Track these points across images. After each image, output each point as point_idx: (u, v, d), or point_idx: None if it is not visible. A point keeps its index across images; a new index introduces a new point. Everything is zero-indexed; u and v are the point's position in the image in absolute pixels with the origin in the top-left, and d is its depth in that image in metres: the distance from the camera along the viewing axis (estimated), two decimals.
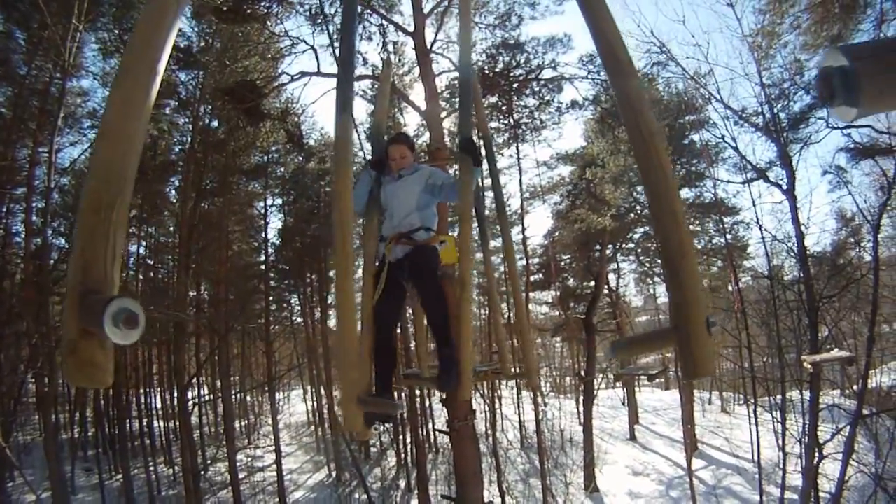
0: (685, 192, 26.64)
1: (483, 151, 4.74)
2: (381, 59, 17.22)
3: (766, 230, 17.98)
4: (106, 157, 1.49)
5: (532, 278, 28.45)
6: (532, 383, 5.19)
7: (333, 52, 16.05)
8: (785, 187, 15.48)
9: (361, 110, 26.55)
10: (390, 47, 17.29)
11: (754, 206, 18.22)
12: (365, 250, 4.32)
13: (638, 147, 2.02)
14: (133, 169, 1.53)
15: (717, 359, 34.47)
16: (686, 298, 1.87)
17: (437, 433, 27.77)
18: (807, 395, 15.08)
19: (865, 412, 14.37)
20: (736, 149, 17.71)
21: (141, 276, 24.97)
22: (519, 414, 30.72)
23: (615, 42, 2.13)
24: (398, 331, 5.60)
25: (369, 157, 4.85)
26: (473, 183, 4.02)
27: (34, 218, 17.00)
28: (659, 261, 28.34)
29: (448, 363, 3.95)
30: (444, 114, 15.30)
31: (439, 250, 4.56)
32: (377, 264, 4.27)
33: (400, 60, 18.49)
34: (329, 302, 30.43)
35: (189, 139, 20.54)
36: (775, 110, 16.11)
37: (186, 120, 21.16)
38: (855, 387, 16.02)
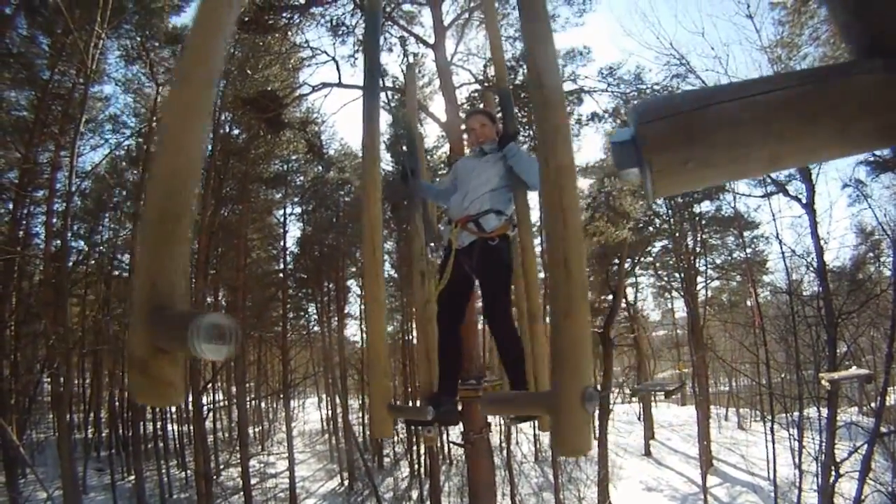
0: (705, 205, 26.53)
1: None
2: (404, 66, 17.29)
3: (785, 244, 17.91)
4: (168, 167, 1.43)
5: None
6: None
7: (354, 63, 16.18)
8: (804, 201, 15.39)
9: (381, 122, 26.62)
10: (410, 58, 17.38)
11: (774, 220, 18.20)
12: (412, 246, 4.08)
13: (545, 181, 1.86)
14: (196, 178, 1.47)
15: (711, 380, 34.22)
16: (564, 363, 1.69)
17: (451, 444, 27.66)
18: (824, 412, 14.91)
19: (883, 430, 14.20)
20: None
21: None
22: (533, 427, 30.54)
23: (544, 66, 2.00)
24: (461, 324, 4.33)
25: (397, 165, 4.71)
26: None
27: (54, 220, 17.18)
28: (678, 274, 28.24)
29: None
30: (464, 125, 15.33)
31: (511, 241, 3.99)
32: (440, 252, 4.05)
33: (419, 72, 18.57)
34: (346, 311, 30.56)
35: (209, 146, 20.74)
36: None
37: (207, 128, 21.36)
38: (873, 404, 15.82)
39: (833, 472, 13.51)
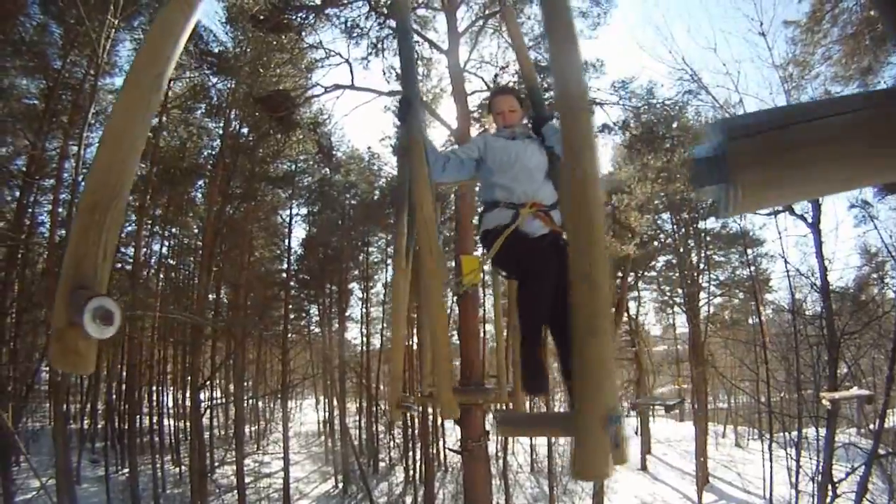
0: (711, 222, 26.52)
1: None
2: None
3: (789, 263, 17.88)
4: (106, 160, 1.55)
5: None
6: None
7: (367, 66, 16.25)
8: (810, 220, 15.38)
9: (390, 125, 26.71)
10: (422, 63, 17.41)
11: (780, 238, 18.15)
12: (398, 244, 3.84)
13: (572, 192, 1.78)
14: (130, 174, 1.59)
15: (710, 396, 34.12)
16: (587, 385, 1.61)
17: (448, 451, 27.60)
18: (822, 432, 14.87)
19: (881, 452, 14.14)
20: None
21: (162, 276, 25.14)
22: (531, 438, 30.48)
23: (569, 73, 1.95)
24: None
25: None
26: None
27: (60, 210, 17.20)
28: (681, 290, 28.22)
29: None
30: (475, 133, 15.33)
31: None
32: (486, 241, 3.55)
33: (429, 76, 18.59)
34: (348, 314, 30.53)
35: (218, 144, 20.77)
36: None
37: (216, 125, 21.41)
38: (872, 426, 15.76)
39: (830, 493, 13.44)
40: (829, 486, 13.48)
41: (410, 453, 27.79)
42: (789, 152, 0.90)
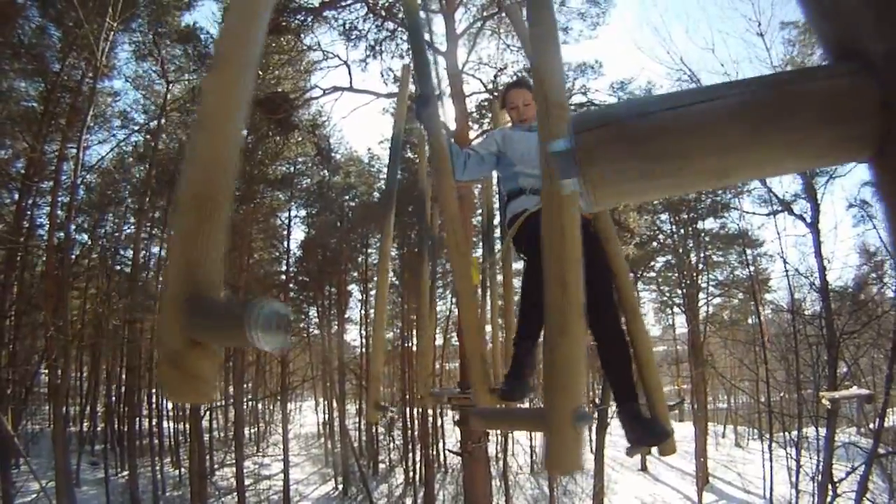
0: (710, 223, 26.54)
1: None
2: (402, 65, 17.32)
3: (788, 263, 17.90)
4: (206, 151, 1.39)
5: None
6: None
7: (365, 68, 16.29)
8: (809, 220, 15.41)
9: (389, 126, 26.69)
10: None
11: (779, 238, 18.16)
12: (383, 247, 3.69)
13: (546, 198, 1.81)
14: (234, 161, 1.42)
15: (710, 396, 34.11)
16: (556, 382, 1.66)
17: (448, 453, 27.57)
18: (822, 431, 14.88)
19: (881, 451, 14.15)
20: (762, 181, 17.67)
21: (161, 278, 25.11)
22: (531, 438, 30.45)
23: (550, 82, 1.93)
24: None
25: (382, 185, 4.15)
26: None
27: (59, 212, 17.20)
28: (680, 291, 28.22)
29: (642, 419, 3.10)
30: (474, 135, 15.36)
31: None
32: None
33: None
34: (347, 316, 30.53)
35: None
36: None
37: None
38: (872, 425, 15.77)
39: (830, 492, 13.46)
40: (830, 486, 13.50)
41: (410, 455, 27.77)
42: (646, 142, 0.84)
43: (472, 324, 2.93)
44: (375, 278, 32.29)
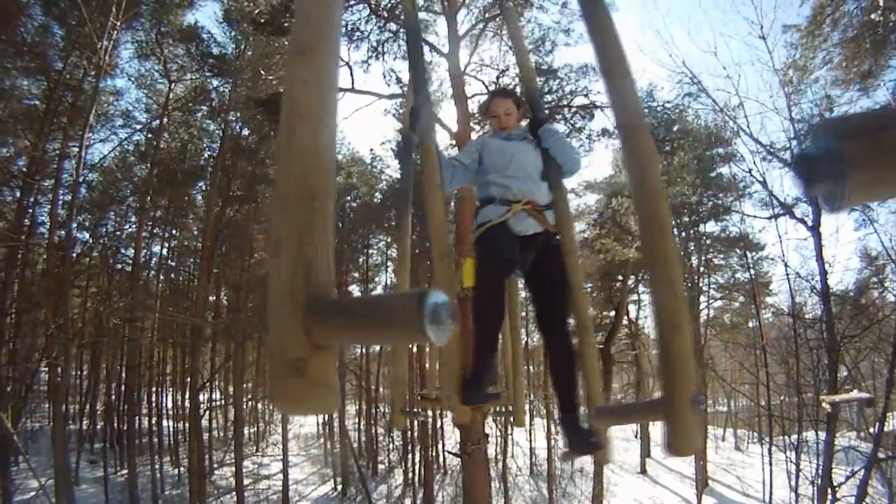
0: (711, 226, 26.55)
1: None
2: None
3: (789, 266, 17.89)
4: (305, 138, 1.29)
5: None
6: (519, 421, 4.52)
7: (367, 69, 16.31)
8: (811, 224, 15.39)
9: (390, 127, 26.76)
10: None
11: (780, 241, 18.16)
12: (401, 245, 3.62)
13: (639, 206, 1.87)
14: (333, 153, 1.36)
15: (710, 400, 34.07)
16: (675, 373, 1.75)
17: (447, 454, 27.57)
18: (822, 435, 14.87)
19: (881, 456, 14.12)
20: (763, 183, 17.69)
21: (162, 278, 25.15)
22: (530, 440, 30.45)
23: (628, 92, 1.98)
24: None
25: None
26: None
27: (60, 210, 17.21)
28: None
29: (580, 429, 3.23)
30: (475, 136, 15.35)
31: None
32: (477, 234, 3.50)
33: (429, 79, 18.58)
34: None
35: (218, 145, 20.78)
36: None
37: (217, 126, 21.43)
38: (872, 429, 15.77)
39: (829, 497, 13.44)
40: (829, 490, 13.47)
41: (410, 456, 27.74)
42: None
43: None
44: (377, 279, 32.52)
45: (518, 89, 15.75)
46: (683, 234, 26.54)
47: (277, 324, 1.08)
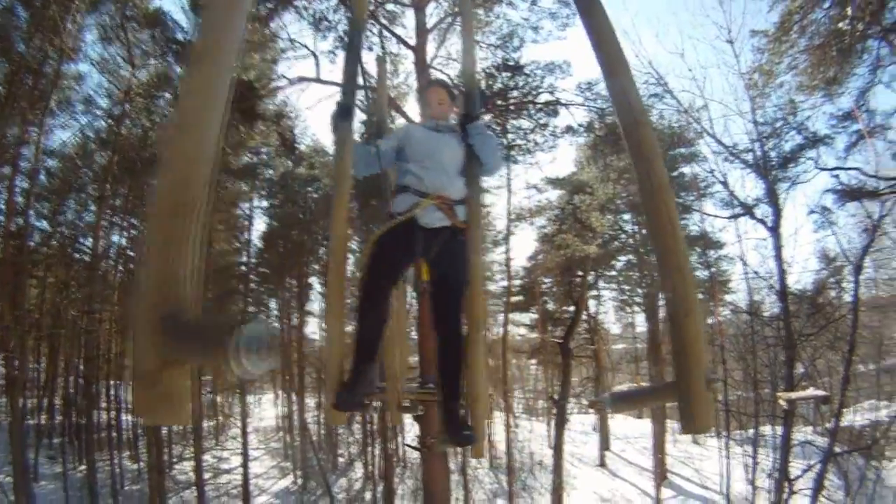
0: None
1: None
2: (377, 56, 17.12)
3: (748, 266, 18.20)
4: (181, 155, 1.31)
5: (513, 299, 28.56)
6: (476, 452, 3.94)
7: (334, 59, 16.17)
8: (770, 225, 15.69)
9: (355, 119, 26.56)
10: (388, 57, 17.30)
11: (739, 241, 18.47)
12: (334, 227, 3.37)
13: (647, 199, 1.91)
14: (211, 167, 1.35)
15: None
16: (689, 355, 1.87)
17: (407, 448, 27.58)
18: (779, 430, 15.20)
19: (837, 450, 14.52)
20: (724, 184, 17.94)
21: (121, 268, 24.68)
22: (489, 434, 30.55)
23: (630, 91, 2.02)
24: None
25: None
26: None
27: (17, 198, 16.78)
28: (640, 290, 28.57)
29: (456, 420, 3.28)
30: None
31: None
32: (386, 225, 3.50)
33: (396, 72, 18.48)
34: (307, 309, 30.34)
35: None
36: (766, 148, 16.36)
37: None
38: (828, 424, 16.18)
39: (787, 489, 13.78)
40: (786, 483, 13.81)
41: (370, 449, 27.71)
42: None
43: (335, 332, 3.16)
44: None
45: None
46: (644, 231, 26.88)
47: (136, 336, 1.11)
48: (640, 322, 33.57)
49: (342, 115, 3.46)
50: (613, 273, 30.94)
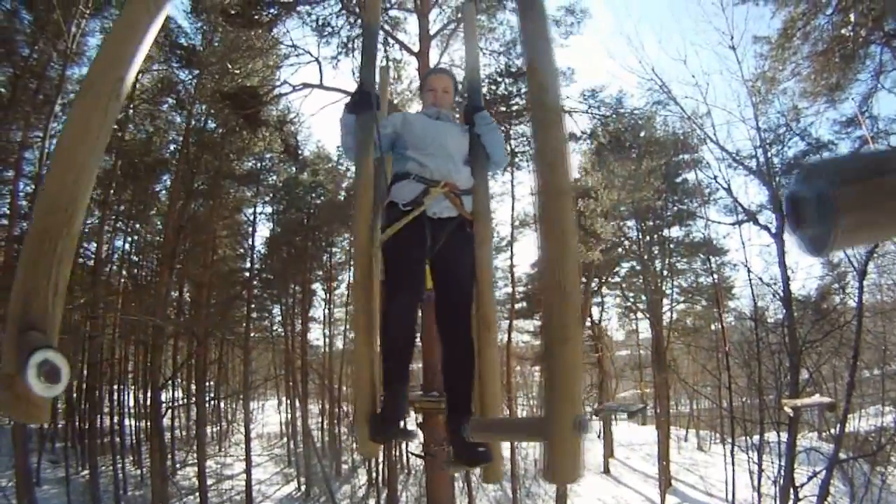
0: (675, 231, 26.86)
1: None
2: (379, 66, 17.10)
3: (752, 272, 18.15)
4: (57, 183, 1.36)
5: (516, 306, 28.52)
6: (494, 475, 3.13)
7: (337, 65, 16.18)
8: (774, 231, 15.65)
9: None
10: (392, 64, 17.33)
11: (743, 247, 18.43)
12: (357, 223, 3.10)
13: (543, 205, 1.78)
14: (84, 198, 1.39)
15: (672, 401, 34.47)
16: (558, 391, 1.64)
17: (410, 455, 27.50)
18: (784, 436, 15.12)
19: (842, 457, 14.42)
20: (728, 190, 17.91)
21: (124, 273, 24.70)
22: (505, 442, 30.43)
23: (546, 85, 1.90)
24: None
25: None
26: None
27: (21, 202, 16.82)
28: (644, 296, 28.52)
29: (467, 437, 2.88)
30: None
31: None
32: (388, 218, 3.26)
33: (399, 78, 18.49)
34: (311, 315, 30.35)
35: (182, 138, 20.47)
36: (769, 154, 16.35)
37: (182, 119, 21.12)
38: (833, 430, 16.10)
39: (792, 497, 13.69)
40: (791, 490, 13.71)
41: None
42: (890, 199, 0.86)
43: (363, 357, 2.85)
44: (340, 277, 32.32)
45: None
46: (647, 237, 26.85)
47: (4, 340, 1.20)
48: (644, 329, 33.50)
49: (365, 105, 3.29)
50: (617, 280, 30.90)
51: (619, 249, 26.93)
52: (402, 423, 3.05)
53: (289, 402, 32.04)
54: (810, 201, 0.88)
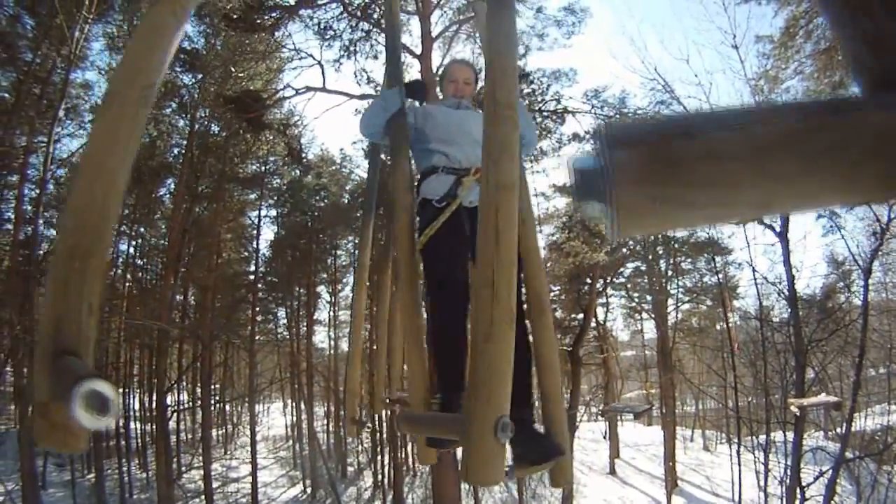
0: (680, 230, 26.81)
1: None
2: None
3: (757, 271, 18.12)
4: (86, 194, 1.29)
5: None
6: (563, 477, 2.75)
7: (339, 68, 16.20)
8: (779, 230, 15.61)
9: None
10: None
11: (748, 246, 18.39)
12: (397, 208, 2.94)
13: (484, 199, 1.72)
14: (115, 211, 1.32)
15: (678, 401, 34.37)
16: (480, 389, 1.57)
17: (416, 456, 27.42)
18: (791, 436, 15.08)
19: (849, 456, 14.40)
20: None
21: (129, 277, 24.73)
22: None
23: (499, 80, 1.84)
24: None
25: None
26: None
27: (26, 207, 16.86)
28: (649, 297, 28.50)
29: (533, 433, 2.75)
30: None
31: None
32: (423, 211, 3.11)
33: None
34: (315, 318, 30.36)
35: (186, 142, 20.51)
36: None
37: (185, 123, 21.16)
38: (839, 429, 16.06)
39: (798, 496, 13.65)
40: (798, 490, 13.67)
41: (379, 458, 27.61)
42: (690, 167, 0.73)
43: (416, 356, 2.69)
44: (344, 280, 32.31)
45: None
46: (652, 237, 26.80)
47: (36, 366, 1.16)
48: (649, 329, 33.46)
49: (419, 88, 3.28)
50: (622, 280, 30.85)
51: (624, 250, 26.87)
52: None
53: (294, 404, 32.05)
54: (589, 171, 0.76)
